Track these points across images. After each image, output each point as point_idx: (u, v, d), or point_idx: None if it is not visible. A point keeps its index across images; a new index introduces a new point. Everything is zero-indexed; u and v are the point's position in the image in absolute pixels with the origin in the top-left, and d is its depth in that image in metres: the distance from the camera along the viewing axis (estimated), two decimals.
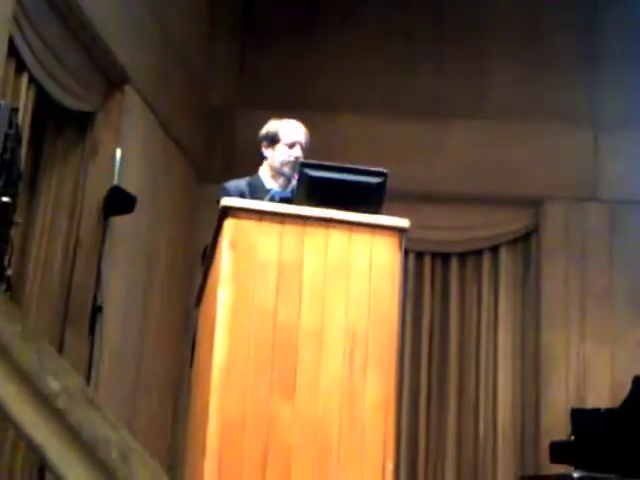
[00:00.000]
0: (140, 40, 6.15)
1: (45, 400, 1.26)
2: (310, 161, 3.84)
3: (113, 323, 5.63)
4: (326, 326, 3.43)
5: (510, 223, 7.68)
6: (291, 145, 4.23)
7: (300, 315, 3.42)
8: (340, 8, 7.97)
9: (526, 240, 7.73)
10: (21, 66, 4.88)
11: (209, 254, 3.79)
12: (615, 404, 5.52)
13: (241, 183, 4.22)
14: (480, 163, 7.52)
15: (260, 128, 4.32)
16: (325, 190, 3.65)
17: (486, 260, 7.74)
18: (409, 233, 3.64)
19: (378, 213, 3.64)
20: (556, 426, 6.47)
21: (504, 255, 7.72)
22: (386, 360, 3.44)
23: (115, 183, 5.52)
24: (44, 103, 5.25)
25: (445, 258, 7.81)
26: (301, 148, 4.23)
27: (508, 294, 7.64)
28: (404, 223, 3.59)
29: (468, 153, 7.55)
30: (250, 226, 3.51)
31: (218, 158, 7.59)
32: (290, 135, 4.23)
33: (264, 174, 4.29)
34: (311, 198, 3.63)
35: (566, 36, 7.78)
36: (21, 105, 4.77)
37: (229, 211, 3.51)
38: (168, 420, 6.83)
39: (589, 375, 7.11)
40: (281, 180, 4.26)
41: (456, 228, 7.62)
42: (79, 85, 5.54)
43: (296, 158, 4.16)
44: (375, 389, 3.39)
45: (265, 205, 3.72)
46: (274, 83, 7.76)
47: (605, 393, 6.70)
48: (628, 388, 5.35)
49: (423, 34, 7.87)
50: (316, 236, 3.53)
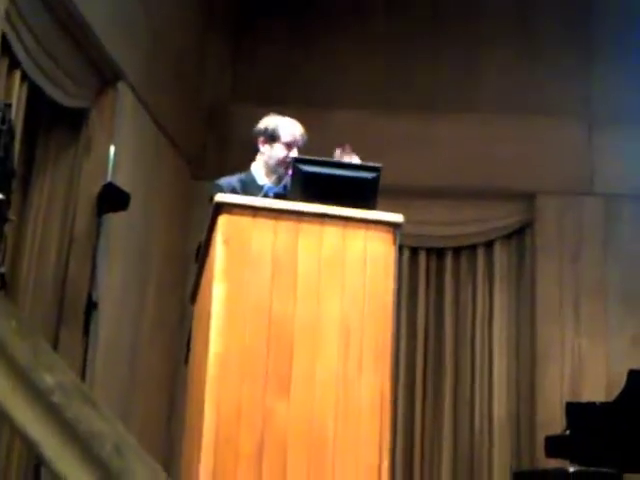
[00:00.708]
0: (133, 37, 6.14)
1: (40, 395, 1.26)
2: (304, 157, 3.84)
3: (108, 319, 5.63)
4: (321, 320, 3.44)
5: (504, 218, 7.69)
6: (289, 145, 4.22)
7: (295, 309, 3.42)
8: (336, 4, 7.96)
9: (520, 235, 7.74)
10: (14, 63, 4.86)
11: (203, 250, 3.79)
12: (610, 398, 5.54)
13: (233, 179, 4.21)
14: (474, 157, 7.52)
15: (254, 124, 4.30)
16: (319, 185, 3.65)
17: (480, 255, 7.75)
18: (403, 228, 3.64)
19: (372, 208, 3.64)
20: (551, 420, 6.48)
21: (499, 250, 7.73)
22: (381, 354, 3.44)
23: (109, 180, 5.52)
24: (37, 100, 5.23)
25: (439, 253, 7.81)
26: (297, 149, 4.23)
27: (503, 289, 7.65)
28: (398, 218, 3.60)
29: (462, 148, 7.55)
30: (244, 222, 3.51)
31: (211, 154, 7.58)
32: (290, 135, 4.22)
33: (257, 170, 4.28)
34: (305, 194, 3.63)
35: (561, 30, 7.78)
36: (14, 102, 4.75)
37: (223, 207, 3.51)
38: (164, 416, 6.84)
39: (584, 369, 7.12)
40: (274, 177, 4.26)
41: (450, 223, 7.63)
42: (72, 82, 5.52)
43: (292, 159, 4.16)
44: (371, 383, 3.39)
45: (259, 201, 3.72)
46: (268, 79, 7.75)
47: (600, 387, 6.71)
48: (623, 382, 5.36)
49: (417, 30, 7.87)
50: (310, 231, 3.53)
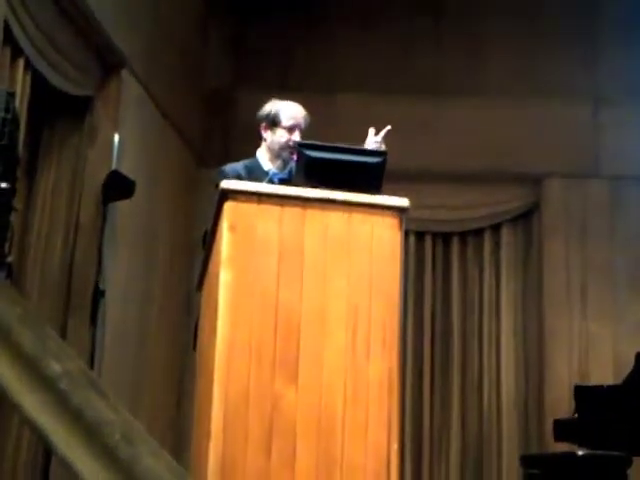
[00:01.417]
0: (136, 23, 6.13)
1: (47, 382, 1.26)
2: (309, 142, 3.83)
3: (115, 307, 5.64)
4: (328, 306, 3.43)
5: (511, 201, 7.67)
6: (291, 129, 4.20)
7: (302, 295, 3.42)
8: None
9: (527, 218, 7.72)
10: (17, 52, 4.85)
11: (209, 237, 3.78)
12: (618, 381, 5.53)
13: (238, 166, 4.20)
14: (480, 141, 7.50)
15: (259, 110, 4.29)
16: (324, 171, 3.64)
17: (487, 239, 7.74)
18: (409, 213, 3.63)
19: (378, 193, 3.63)
20: (560, 403, 6.49)
21: (505, 234, 7.72)
22: (388, 338, 3.44)
23: (114, 168, 5.51)
24: (41, 89, 5.23)
25: (446, 238, 7.81)
26: (300, 132, 4.21)
27: (510, 272, 7.64)
28: (404, 202, 3.59)
29: (467, 131, 7.53)
30: (249, 208, 3.50)
31: (216, 141, 7.57)
32: (291, 119, 4.20)
33: (262, 156, 4.27)
34: (310, 179, 3.62)
35: (565, 11, 7.74)
36: (18, 91, 4.75)
37: (228, 194, 3.50)
38: (172, 403, 6.85)
39: (592, 352, 7.12)
40: (279, 162, 4.24)
41: (456, 207, 7.62)
42: (76, 70, 5.52)
43: (295, 143, 4.14)
44: (378, 368, 3.39)
45: (264, 187, 3.71)
46: (272, 64, 7.73)
47: (608, 370, 6.71)
48: (631, 365, 5.35)
49: (421, 12, 7.84)
50: (316, 217, 3.52)
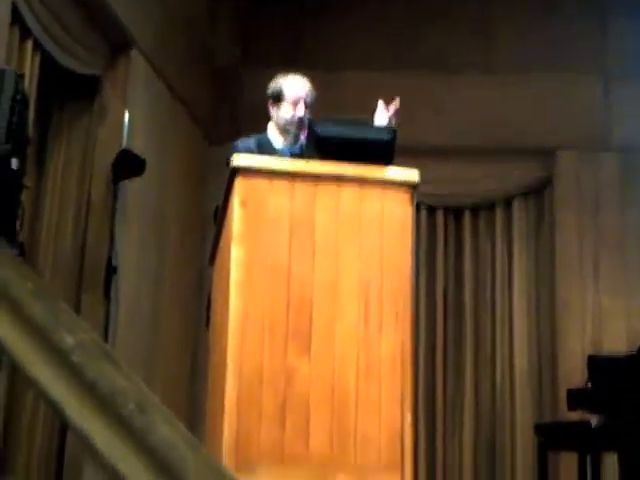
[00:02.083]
0: (144, 2, 6.12)
1: (60, 355, 1.27)
2: (319, 118, 3.83)
3: (128, 285, 5.66)
4: (340, 280, 3.45)
5: (522, 176, 7.65)
6: (294, 102, 4.19)
7: (314, 270, 3.43)
8: None
9: (539, 192, 7.70)
10: (25, 33, 4.86)
11: (220, 214, 3.79)
12: (631, 350, 5.52)
13: (250, 141, 4.20)
14: (490, 115, 7.47)
15: (266, 86, 4.29)
16: (335, 147, 3.64)
17: (499, 214, 7.72)
18: (421, 188, 3.64)
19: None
20: (573, 374, 6.49)
21: (517, 208, 7.69)
22: (401, 312, 3.45)
23: (124, 146, 5.52)
24: (50, 69, 5.24)
25: (458, 213, 7.80)
26: (305, 105, 4.20)
27: (522, 246, 7.63)
28: (415, 177, 3.59)
29: (478, 106, 7.50)
30: (261, 183, 3.51)
31: (226, 118, 7.57)
32: (293, 92, 4.19)
33: (272, 132, 4.28)
34: (321, 155, 3.63)
35: None
36: (27, 71, 4.76)
37: (239, 170, 3.51)
38: (186, 378, 6.89)
39: (605, 324, 7.11)
40: (289, 137, 4.24)
41: (468, 181, 7.59)
42: (84, 50, 5.52)
43: (300, 117, 4.14)
44: (391, 341, 3.41)
45: (275, 163, 3.72)
46: (280, 41, 7.71)
47: (621, 342, 6.70)
48: None
49: None
50: (327, 193, 3.53)
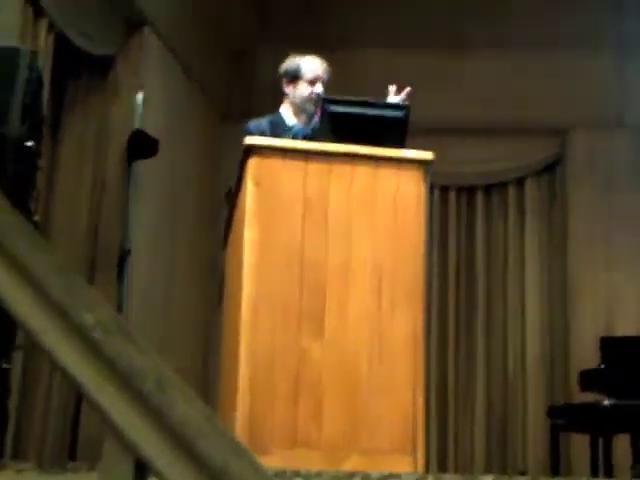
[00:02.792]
0: None
1: (80, 332, 1.27)
2: (332, 96, 3.82)
3: (141, 267, 5.67)
4: (353, 261, 3.44)
5: (535, 154, 7.62)
6: (312, 81, 4.18)
7: (327, 251, 3.43)
8: None
9: (552, 170, 7.67)
10: (39, 12, 4.86)
11: (234, 194, 3.79)
12: None
13: (262, 122, 4.19)
14: (502, 94, 7.43)
15: (280, 66, 4.28)
16: (348, 125, 3.64)
17: (512, 192, 7.70)
18: (434, 167, 3.63)
19: (402, 147, 3.62)
20: (586, 356, 6.47)
21: (530, 187, 7.67)
22: (413, 293, 3.45)
23: (137, 126, 5.51)
24: (64, 48, 5.23)
25: (470, 192, 7.78)
26: (322, 84, 4.20)
27: (534, 226, 7.61)
28: (428, 156, 3.59)
29: (490, 84, 7.46)
30: (274, 164, 3.51)
31: (239, 97, 7.55)
32: (311, 71, 4.19)
33: (286, 111, 4.27)
34: (334, 134, 3.62)
35: None
36: (41, 51, 4.76)
37: (252, 150, 3.51)
38: (199, 360, 6.90)
39: (618, 304, 7.10)
40: (303, 117, 4.23)
41: (481, 160, 7.57)
42: (97, 29, 5.51)
43: (318, 95, 4.13)
44: (403, 322, 3.40)
45: (289, 142, 3.72)
46: (293, 21, 7.68)
47: (634, 322, 6.69)
48: None
49: None
50: (341, 172, 3.53)
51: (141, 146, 5.40)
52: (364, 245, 3.47)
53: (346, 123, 3.65)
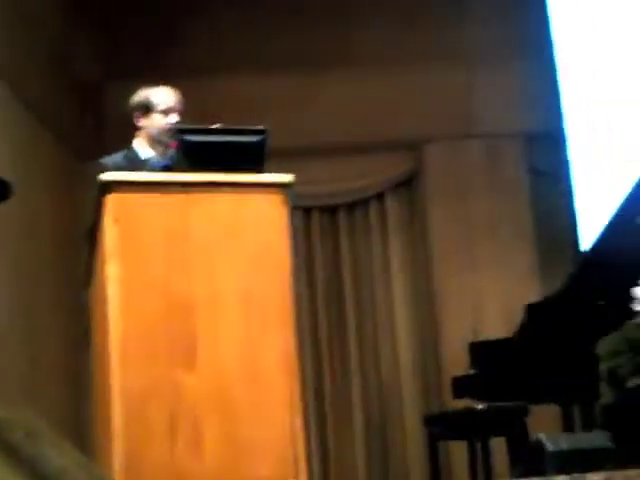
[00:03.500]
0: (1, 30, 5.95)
1: None
2: (186, 126, 3.79)
3: (2, 312, 5.49)
4: (220, 290, 3.42)
5: (393, 169, 7.76)
6: (166, 112, 4.13)
7: (193, 282, 3.40)
8: None
9: (410, 185, 7.82)
10: None
11: (92, 232, 3.70)
12: (510, 333, 5.65)
13: (117, 157, 4.11)
14: (357, 111, 7.52)
15: (130, 99, 4.22)
16: (205, 154, 3.61)
17: (373, 208, 7.81)
18: (295, 189, 3.64)
19: (261, 172, 3.62)
20: (456, 361, 6.58)
21: (390, 202, 7.81)
22: (283, 316, 3.44)
23: None
24: None
25: (332, 211, 7.85)
26: (177, 114, 4.15)
27: (397, 239, 7.74)
28: (288, 178, 3.59)
29: (343, 101, 7.54)
30: (132, 199, 3.45)
31: (91, 133, 7.41)
32: (163, 102, 4.13)
33: (139, 145, 4.19)
34: (192, 163, 3.59)
35: None
36: None
37: (109, 186, 3.44)
38: (70, 406, 6.72)
39: (483, 308, 7.27)
40: (159, 148, 4.16)
41: (340, 179, 7.65)
42: None
43: (173, 125, 4.08)
44: (276, 345, 3.40)
45: (146, 176, 3.67)
46: (138, 53, 7.59)
47: (499, 324, 6.84)
48: (521, 317, 5.47)
49: None
50: (201, 202, 3.50)
51: None
52: (230, 273, 3.45)
53: (202, 152, 3.63)
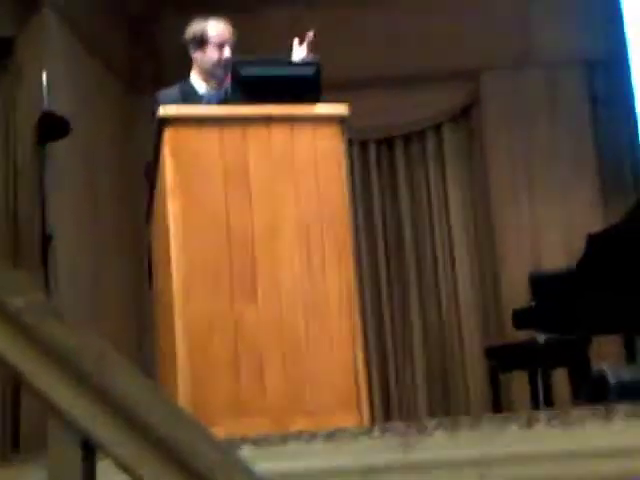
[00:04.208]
0: None
1: (10, 317, 1.23)
2: (242, 59, 3.78)
3: (64, 251, 5.56)
4: (279, 224, 3.43)
5: (449, 100, 7.64)
6: (220, 45, 4.11)
7: (252, 215, 3.41)
8: None
9: (468, 113, 7.71)
10: None
11: (152, 168, 3.73)
12: (571, 265, 5.59)
13: (173, 91, 4.12)
14: (412, 41, 7.40)
15: (185, 31, 4.20)
16: (260, 87, 3.60)
17: (430, 140, 7.74)
18: (351, 122, 3.62)
19: (316, 104, 3.60)
20: (517, 295, 6.55)
21: (447, 133, 7.72)
22: (342, 250, 3.45)
23: (45, 108, 5.38)
24: None
25: (389, 143, 7.79)
26: (230, 47, 4.13)
27: (455, 171, 7.66)
28: (343, 110, 3.58)
29: (398, 31, 7.42)
30: (190, 133, 3.47)
31: (147, 67, 7.39)
32: (218, 35, 4.12)
33: (195, 79, 4.19)
34: (247, 97, 3.59)
35: None
36: None
37: (167, 121, 3.46)
38: (133, 342, 6.82)
39: (543, 239, 7.19)
40: (213, 82, 4.16)
41: (396, 111, 7.57)
42: None
43: (227, 59, 4.07)
44: (336, 279, 3.41)
45: (203, 110, 3.68)
46: None
47: (560, 256, 6.77)
48: (582, 247, 5.41)
49: None
50: (257, 135, 3.50)
51: (51, 128, 5.28)
52: (288, 207, 3.45)
53: (258, 85, 3.62)
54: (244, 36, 4.24)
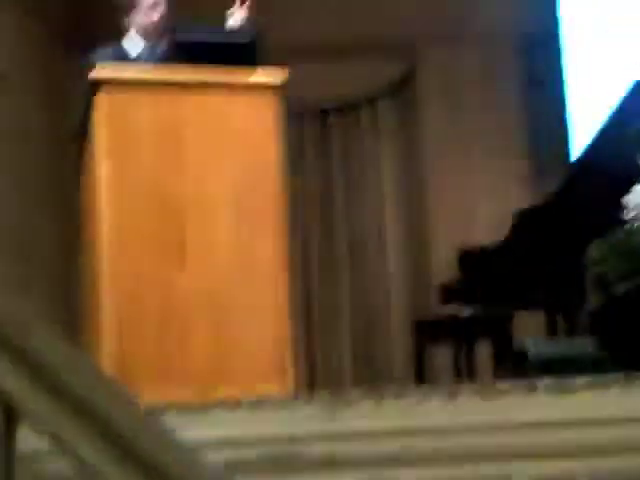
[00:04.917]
0: None
1: None
2: (178, 24, 3.74)
3: None
4: (211, 190, 3.42)
5: (384, 72, 7.65)
6: (152, 6, 4.02)
7: (184, 182, 3.40)
8: None
9: (402, 88, 7.72)
10: None
11: (82, 130, 3.67)
12: (499, 240, 5.65)
13: (107, 52, 4.03)
14: (347, 12, 7.36)
15: None
16: (196, 54, 3.57)
17: (364, 113, 7.75)
18: (286, 91, 3.61)
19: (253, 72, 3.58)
20: (446, 269, 6.60)
21: (382, 105, 7.72)
22: (274, 219, 3.45)
23: None
24: None
25: (324, 116, 7.79)
26: (163, 9, 4.03)
27: (390, 144, 7.69)
28: (281, 77, 3.56)
29: (334, 2, 7.39)
30: (123, 97, 3.42)
31: (82, 27, 7.25)
32: None
33: (128, 42, 4.09)
34: (183, 62, 3.55)
35: None
36: None
37: (99, 83, 3.41)
38: (60, 306, 6.74)
39: (475, 213, 7.23)
40: (147, 44, 4.08)
41: (331, 83, 7.55)
42: None
43: (160, 19, 3.98)
44: (267, 248, 3.41)
45: (137, 73, 3.62)
46: None
47: (492, 229, 6.81)
48: (509, 222, 5.47)
49: None
50: (192, 101, 3.47)
51: None
52: (221, 174, 3.44)
53: (194, 52, 3.58)
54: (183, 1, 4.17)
